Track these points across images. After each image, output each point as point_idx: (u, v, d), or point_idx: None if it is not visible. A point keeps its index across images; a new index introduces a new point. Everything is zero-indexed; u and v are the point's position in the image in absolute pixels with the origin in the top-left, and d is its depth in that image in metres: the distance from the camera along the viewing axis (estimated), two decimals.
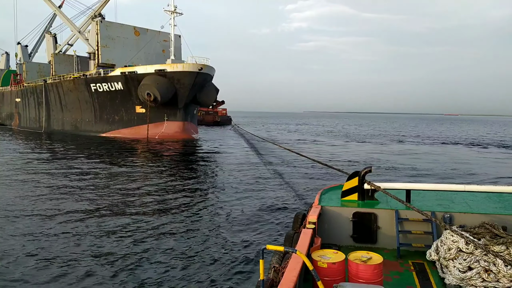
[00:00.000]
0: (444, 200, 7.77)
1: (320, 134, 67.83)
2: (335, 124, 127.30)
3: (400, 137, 61.24)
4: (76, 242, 10.66)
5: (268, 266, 5.69)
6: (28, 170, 22.43)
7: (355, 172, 7.98)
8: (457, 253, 5.63)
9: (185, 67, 44.46)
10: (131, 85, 46.16)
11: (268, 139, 49.06)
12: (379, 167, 26.47)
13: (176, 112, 46.94)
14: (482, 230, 5.85)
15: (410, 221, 7.08)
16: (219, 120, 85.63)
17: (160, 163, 27.03)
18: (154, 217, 13.30)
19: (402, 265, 6.43)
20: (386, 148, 42.22)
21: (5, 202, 14.95)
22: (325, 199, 7.99)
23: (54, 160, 27.14)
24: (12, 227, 11.95)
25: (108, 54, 53.01)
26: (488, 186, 7.56)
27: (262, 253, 4.31)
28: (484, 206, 7.36)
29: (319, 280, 4.17)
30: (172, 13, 48.83)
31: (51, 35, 75.08)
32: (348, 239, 7.28)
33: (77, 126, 53.29)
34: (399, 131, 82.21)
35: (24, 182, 18.90)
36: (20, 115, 65.40)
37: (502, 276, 5.25)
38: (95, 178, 20.68)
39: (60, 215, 13.28)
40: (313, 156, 32.03)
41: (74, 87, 51.58)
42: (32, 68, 71.15)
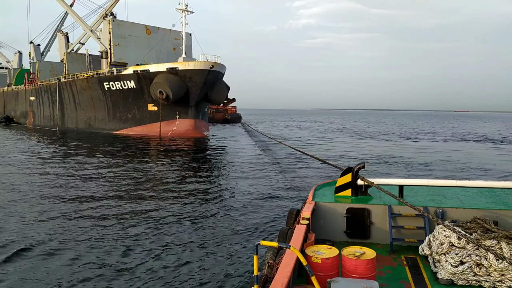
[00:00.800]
0: (436, 196, 7.83)
1: (330, 131, 67.82)
2: (344, 121, 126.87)
3: (410, 134, 60.96)
4: (96, 230, 11.17)
5: (262, 262, 5.80)
6: (47, 167, 23.03)
7: (349, 168, 8.06)
8: (449, 248, 5.69)
9: (196, 65, 44.83)
10: (143, 84, 46.70)
11: (277, 138, 49.30)
12: (392, 164, 26.55)
13: (188, 110, 47.38)
14: (474, 225, 5.90)
15: (403, 216, 7.14)
16: (229, 117, 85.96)
17: (172, 160, 27.46)
18: (157, 211, 13.68)
19: (395, 260, 6.49)
20: (398, 144, 42.15)
21: (26, 196, 15.53)
22: (319, 195, 8.02)
23: (71, 157, 27.76)
24: (34, 218, 12.56)
25: (120, 52, 53.63)
26: (480, 182, 7.63)
27: (256, 249, 4.29)
28: (476, 201, 7.44)
29: (313, 275, 4.17)
30: (183, 12, 49.21)
31: (63, 34, 76.03)
32: (342, 235, 7.33)
33: (90, 124, 54.08)
34: (410, 128, 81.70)
35: (43, 178, 19.50)
36: (34, 113, 66.47)
37: (493, 270, 5.32)
38: (111, 173, 21.23)
39: (78, 207, 13.98)
40: (325, 153, 32.20)
41: (87, 86, 52.32)
42: (45, 67, 72.18)
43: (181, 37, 50.54)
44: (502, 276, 5.30)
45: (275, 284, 4.10)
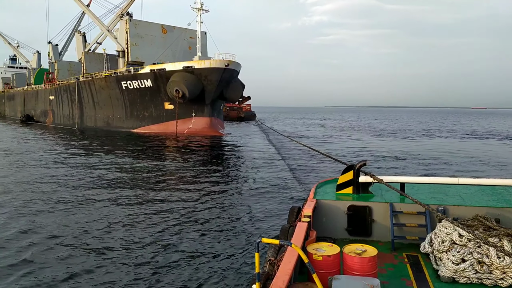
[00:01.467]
0: (438, 193, 7.78)
1: (346, 129, 67.36)
2: (359, 118, 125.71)
3: (428, 132, 60.08)
4: (112, 223, 11.57)
5: (264, 259, 5.82)
6: (68, 163, 23.64)
7: (350, 165, 8.03)
8: (451, 246, 5.66)
9: (212, 63, 45.12)
10: (160, 82, 47.26)
11: (292, 136, 49.27)
12: (409, 162, 26.30)
13: (204, 108, 47.75)
14: (476, 223, 5.87)
15: (404, 214, 7.12)
16: (244, 115, 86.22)
17: (187, 157, 27.84)
18: (164, 207, 14.02)
19: (396, 257, 6.48)
20: (416, 142, 41.65)
21: (48, 190, 16.07)
22: (320, 193, 8.04)
23: (90, 154, 28.41)
24: (54, 212, 13.13)
25: (137, 52, 54.34)
26: (481, 179, 7.58)
27: (257, 246, 4.27)
28: (477, 198, 7.38)
29: (314, 273, 4.13)
30: (198, 10, 49.53)
31: (81, 34, 77.41)
32: (343, 232, 7.33)
33: (109, 123, 55.00)
34: (427, 126, 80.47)
35: (64, 173, 20.12)
36: (54, 112, 67.93)
37: (495, 267, 5.31)
38: (130, 170, 21.74)
39: (94, 202, 14.56)
40: (341, 151, 32.08)
41: (105, 85, 53.22)
42: (63, 66, 73.62)
43: (197, 35, 50.92)
44: (503, 274, 5.28)
45: (276, 281, 4.11)
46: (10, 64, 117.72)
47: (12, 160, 25.87)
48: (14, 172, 21.29)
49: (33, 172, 21.16)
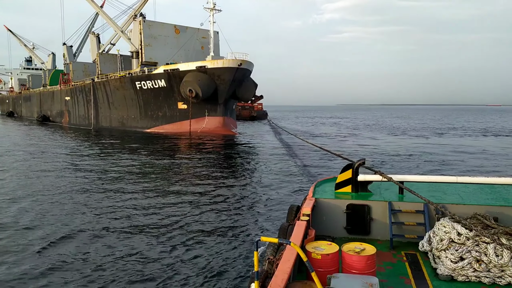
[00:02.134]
0: (436, 192, 7.75)
1: (359, 127, 66.89)
2: (371, 117, 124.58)
3: (443, 130, 59.25)
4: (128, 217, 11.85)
5: (263, 258, 5.86)
6: (85, 162, 24.14)
7: (349, 164, 8.05)
8: (449, 244, 5.67)
9: (225, 63, 45.32)
10: (173, 82, 47.70)
11: (304, 134, 49.17)
12: (423, 160, 26.03)
13: (217, 107, 48.03)
14: (474, 221, 5.87)
15: (403, 212, 7.13)
16: (255, 114, 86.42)
17: (199, 156, 28.09)
18: (169, 204, 14.24)
19: (395, 256, 6.48)
20: (432, 141, 41.15)
21: (65, 187, 16.46)
22: (319, 191, 8.04)
23: (107, 153, 28.90)
24: (70, 207, 13.57)
25: (150, 52, 54.92)
26: (480, 178, 7.53)
27: (256, 245, 4.27)
28: (476, 197, 7.36)
29: (313, 271, 4.12)
30: (211, 10, 49.76)
31: (95, 35, 78.56)
32: (342, 231, 7.34)
33: (123, 123, 55.74)
34: (441, 123, 79.32)
35: (82, 171, 20.60)
36: (69, 112, 69.11)
37: (493, 266, 5.32)
38: (142, 167, 22.20)
39: (106, 192, 15.01)
40: (354, 150, 31.92)
41: (120, 85, 53.93)
42: (78, 67, 74.90)
43: (209, 35, 51.18)
44: (502, 272, 5.31)
45: (275, 280, 4.12)
46: (26, 65, 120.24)
47: (35, 158, 26.60)
48: (37, 169, 21.97)
49: (54, 169, 21.90)
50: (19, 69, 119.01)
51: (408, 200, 7.29)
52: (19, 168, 23.02)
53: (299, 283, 4.48)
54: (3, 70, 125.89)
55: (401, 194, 7.61)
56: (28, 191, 16.99)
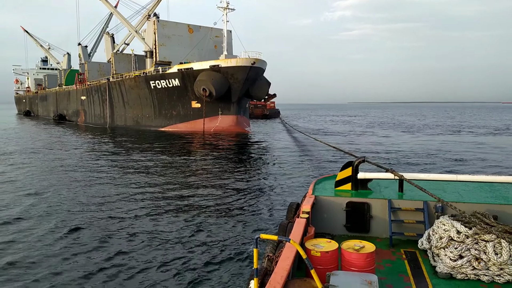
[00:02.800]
0: (436, 190, 7.72)
1: (373, 125, 66.48)
2: (384, 114, 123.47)
3: (458, 127, 58.51)
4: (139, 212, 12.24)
5: (262, 255, 5.87)
6: (102, 159, 24.72)
7: (349, 162, 8.06)
8: (449, 242, 5.68)
9: (238, 62, 45.56)
10: (187, 81, 48.16)
11: (317, 134, 49.12)
12: (440, 159, 25.86)
13: (230, 106, 48.34)
14: (474, 219, 5.86)
15: (402, 210, 7.13)
16: (268, 113, 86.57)
17: (212, 154, 28.47)
18: (175, 201, 14.51)
19: (394, 253, 6.49)
20: (450, 139, 40.74)
21: (83, 183, 16.95)
22: (319, 189, 8.06)
23: (123, 151, 29.47)
24: (90, 201, 14.18)
25: (164, 52, 55.47)
26: (480, 176, 7.47)
27: (256, 242, 4.26)
28: (475, 195, 7.34)
29: (312, 269, 4.11)
30: (224, 9, 50.03)
31: (109, 36, 79.67)
32: (342, 228, 7.35)
33: (138, 122, 56.50)
34: (455, 121, 78.25)
35: (98, 168, 21.17)
36: (85, 112, 70.27)
37: (492, 264, 5.34)
38: (155, 165, 22.65)
39: (125, 195, 15.36)
40: (370, 149, 31.83)
41: (135, 85, 54.66)
42: (93, 67, 76.02)
43: (223, 34, 51.46)
44: (500, 270, 5.32)
45: (274, 277, 4.13)
46: (42, 65, 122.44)
47: (55, 154, 27.41)
48: (58, 164, 22.81)
49: (74, 164, 22.74)
50: (35, 69, 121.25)
51: (407, 198, 7.34)
52: (41, 163, 23.89)
53: (298, 280, 4.47)
54: (20, 70, 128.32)
55: (400, 192, 7.67)
56: (51, 183, 17.86)
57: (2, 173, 20.91)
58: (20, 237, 11.03)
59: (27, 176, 20.24)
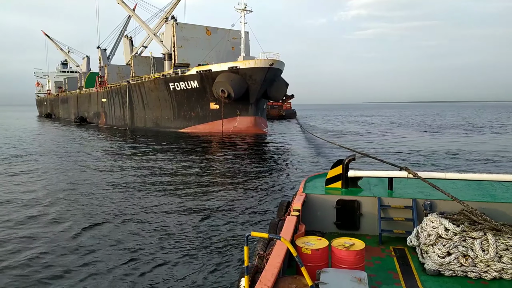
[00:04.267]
0: (425, 188, 7.79)
1: (389, 125, 65.76)
2: (400, 114, 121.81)
3: (479, 128, 57.34)
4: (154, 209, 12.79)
5: (253, 253, 5.88)
6: (123, 159, 25.35)
7: (339, 160, 8.09)
8: (437, 239, 5.72)
9: (256, 63, 45.82)
10: (206, 83, 48.69)
11: (335, 135, 48.85)
12: (463, 160, 25.49)
13: (248, 107, 48.64)
14: (461, 217, 5.93)
15: (392, 208, 7.19)
16: (284, 114, 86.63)
17: (230, 154, 28.79)
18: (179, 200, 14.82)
19: (383, 250, 6.55)
20: (467, 139, 40.05)
21: (103, 179, 17.40)
22: (310, 187, 8.11)
23: (145, 151, 30.10)
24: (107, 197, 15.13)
25: (183, 54, 56.19)
26: (468, 174, 7.49)
27: (246, 240, 4.27)
28: (463, 193, 7.38)
29: (303, 266, 4.10)
30: (242, 11, 50.41)
31: (128, 39, 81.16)
32: (332, 226, 7.41)
33: (157, 123, 57.36)
34: (475, 121, 76.66)
35: (120, 168, 21.96)
36: (106, 114, 71.66)
37: (479, 261, 5.41)
38: (174, 166, 23.36)
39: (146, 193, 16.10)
40: (390, 150, 31.57)
41: (154, 87, 55.53)
42: (112, 70, 77.53)
43: (240, 36, 51.84)
44: (487, 267, 5.39)
45: (265, 274, 4.14)
46: (62, 68, 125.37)
47: (80, 155, 28.29)
48: (81, 165, 23.54)
49: (97, 164, 23.81)
50: (56, 72, 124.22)
51: (397, 195, 7.43)
52: (68, 163, 24.72)
53: (288, 278, 4.46)
54: (41, 74, 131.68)
55: (390, 189, 7.73)
56: (76, 181, 18.86)
57: (31, 172, 21.68)
58: (44, 231, 11.71)
59: (53, 174, 21.33)
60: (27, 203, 14.90)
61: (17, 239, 10.95)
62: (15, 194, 16.48)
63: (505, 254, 5.34)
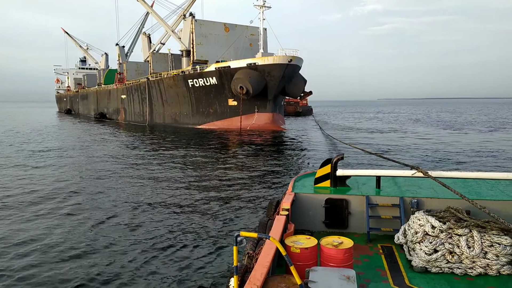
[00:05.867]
0: (411, 186, 7.92)
1: (406, 123, 64.96)
2: (418, 111, 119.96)
3: (498, 124, 56.12)
4: None
5: (242, 253, 5.90)
6: (146, 153, 25.86)
7: (328, 159, 8.14)
8: (424, 237, 5.79)
9: (275, 59, 45.83)
10: (224, 80, 49.00)
11: (352, 133, 48.54)
12: (488, 157, 25.12)
13: (266, 104, 48.77)
14: (447, 214, 6.00)
15: (379, 206, 7.26)
16: (301, 110, 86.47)
17: (248, 151, 28.92)
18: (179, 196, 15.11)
19: (371, 248, 6.60)
20: (489, 137, 39.32)
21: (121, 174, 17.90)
22: (299, 186, 8.16)
23: (164, 146, 30.74)
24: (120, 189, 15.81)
25: (201, 51, 56.55)
26: (454, 172, 7.61)
27: (236, 240, 4.24)
28: (449, 191, 7.33)
29: (292, 265, 4.11)
30: (261, 7, 50.41)
31: (146, 36, 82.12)
32: (321, 225, 7.45)
33: (176, 119, 58.04)
34: (494, 117, 74.96)
35: (143, 160, 22.41)
36: (125, 110, 72.74)
37: (465, 257, 5.50)
38: (188, 161, 23.81)
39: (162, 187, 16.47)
40: (408, 149, 31.29)
41: (173, 83, 56.16)
42: (131, 67, 78.64)
43: (259, 32, 51.87)
44: (473, 263, 5.49)
45: (254, 274, 4.16)
46: (81, 65, 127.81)
47: (102, 150, 29.39)
48: (103, 159, 24.55)
49: (119, 158, 24.61)
50: (75, 69, 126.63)
51: (384, 194, 7.51)
52: (89, 157, 25.85)
53: (278, 277, 4.46)
54: (60, 70, 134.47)
55: (378, 188, 7.81)
56: (97, 174, 19.83)
57: (59, 165, 22.41)
58: (65, 222, 12.38)
59: (77, 166, 22.83)
60: (51, 196, 15.75)
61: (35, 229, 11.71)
62: (42, 186, 17.52)
63: (490, 251, 5.45)
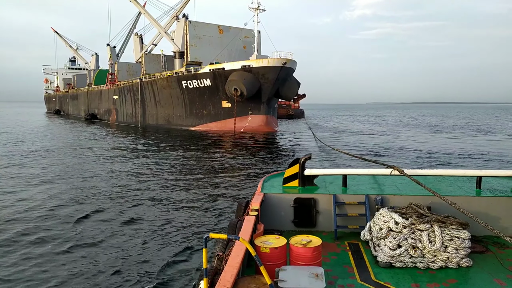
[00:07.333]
0: (376, 184, 8.16)
1: (396, 126, 65.79)
2: (406, 115, 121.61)
3: (485, 128, 57.31)
4: None
5: (212, 255, 5.92)
6: (138, 154, 25.68)
7: (296, 159, 8.25)
8: (388, 233, 6.00)
9: (269, 62, 46.04)
10: (218, 81, 48.96)
11: (345, 136, 48.87)
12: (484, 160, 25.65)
13: (260, 106, 48.91)
14: (410, 211, 6.22)
15: (346, 204, 7.45)
16: (293, 113, 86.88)
17: (242, 152, 28.96)
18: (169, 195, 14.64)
19: (339, 246, 6.75)
20: (477, 140, 40.13)
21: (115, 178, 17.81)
22: (268, 186, 8.25)
23: (156, 148, 30.45)
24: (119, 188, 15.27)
25: (195, 52, 56.44)
26: (414, 170, 7.80)
27: (205, 242, 4.21)
28: (411, 188, 7.71)
29: (262, 265, 4.13)
30: (256, 10, 50.60)
31: (138, 36, 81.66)
32: (290, 224, 7.55)
33: (169, 121, 57.64)
34: (483, 122, 76.52)
35: (137, 163, 22.06)
36: (117, 111, 71.90)
37: (427, 251, 5.74)
38: (181, 162, 23.49)
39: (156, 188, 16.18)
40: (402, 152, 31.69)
41: (167, 85, 55.81)
42: (122, 67, 77.95)
43: (253, 35, 52.06)
44: (434, 257, 5.72)
45: (224, 276, 4.15)
46: (70, 65, 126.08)
47: (92, 152, 28.96)
48: (94, 160, 24.28)
49: (109, 159, 24.32)
50: (64, 69, 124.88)
51: (350, 192, 7.69)
52: (80, 158, 25.41)
53: (248, 278, 4.46)
54: (49, 70, 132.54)
55: (344, 187, 7.99)
56: (87, 174, 19.79)
57: (47, 167, 22.10)
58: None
59: (66, 167, 22.65)
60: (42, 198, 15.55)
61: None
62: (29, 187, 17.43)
63: (450, 244, 5.71)
